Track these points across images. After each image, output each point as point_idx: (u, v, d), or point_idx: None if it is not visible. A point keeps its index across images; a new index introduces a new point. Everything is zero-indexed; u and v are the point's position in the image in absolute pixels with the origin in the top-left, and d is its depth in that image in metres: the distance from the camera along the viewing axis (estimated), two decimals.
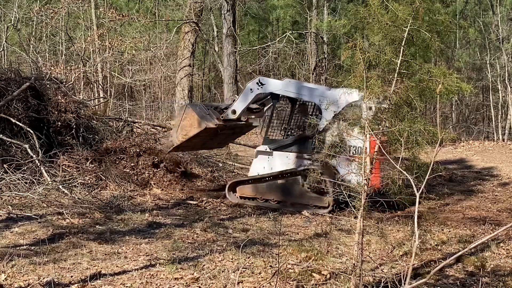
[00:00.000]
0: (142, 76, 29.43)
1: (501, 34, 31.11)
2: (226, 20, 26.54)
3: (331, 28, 30.28)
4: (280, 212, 10.35)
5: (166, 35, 29.82)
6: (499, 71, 31.22)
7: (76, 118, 12.70)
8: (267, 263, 7.02)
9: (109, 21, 26.17)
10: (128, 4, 34.56)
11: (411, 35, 5.92)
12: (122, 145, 12.63)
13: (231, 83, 26.64)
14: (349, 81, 5.99)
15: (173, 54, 29.44)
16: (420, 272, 6.87)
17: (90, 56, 25.32)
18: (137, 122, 16.33)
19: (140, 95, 33.31)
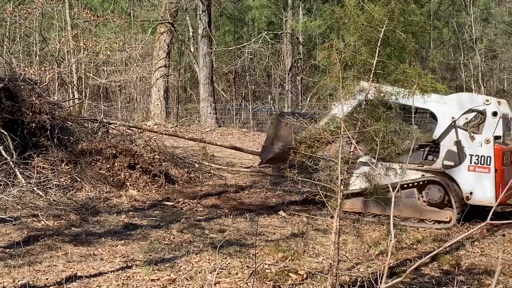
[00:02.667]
0: (117, 77, 29.28)
1: (474, 35, 31.49)
2: (201, 20, 26.53)
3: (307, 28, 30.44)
4: (256, 213, 10.35)
5: (141, 36, 29.73)
6: (472, 71, 31.61)
7: (51, 119, 12.57)
8: (244, 264, 7.01)
9: (83, 22, 25.99)
10: (103, 5, 34.34)
11: (387, 35, 5.95)
12: (97, 146, 12.53)
13: (207, 83, 26.61)
14: (325, 81, 6.01)
15: (149, 54, 29.35)
16: (396, 271, 6.92)
17: (65, 57, 25.12)
18: (113, 123, 16.22)
19: (115, 96, 33.13)
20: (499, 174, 9.67)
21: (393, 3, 5.89)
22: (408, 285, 6.51)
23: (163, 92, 26.52)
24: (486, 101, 9.79)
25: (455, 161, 9.81)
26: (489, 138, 9.67)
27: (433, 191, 9.83)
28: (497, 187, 9.60)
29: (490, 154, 9.66)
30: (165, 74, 26.57)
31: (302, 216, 10.10)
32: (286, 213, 10.40)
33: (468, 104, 9.93)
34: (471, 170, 9.70)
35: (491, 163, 9.63)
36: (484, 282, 6.72)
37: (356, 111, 9.46)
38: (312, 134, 6.18)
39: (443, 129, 9.89)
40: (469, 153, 9.74)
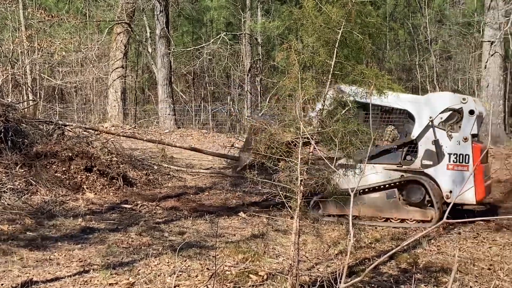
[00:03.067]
0: (73, 78, 28.86)
1: (429, 36, 32.01)
2: (159, 21, 26.36)
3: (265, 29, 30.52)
4: (216, 214, 10.32)
5: (97, 36, 29.38)
6: (427, 72, 32.11)
7: (5, 122, 12.31)
8: (204, 266, 6.98)
9: (38, 22, 25.53)
10: (58, 5, 33.83)
11: (344, 37, 5.99)
12: (53, 149, 12.32)
13: (166, 84, 26.46)
14: (284, 82, 6.02)
15: (105, 55, 29.03)
16: (355, 270, 6.97)
17: (19, 57, 24.62)
18: (69, 125, 15.96)
19: (71, 98, 32.68)
20: (478, 172, 9.81)
21: (350, 5, 5.93)
22: (367, 284, 6.56)
23: (121, 93, 26.26)
24: (463, 100, 9.92)
25: (434, 161, 9.91)
26: (467, 137, 9.80)
27: (414, 191, 9.93)
28: (476, 185, 9.74)
29: (468, 152, 9.78)
30: (122, 75, 26.33)
31: (262, 217, 10.11)
32: (246, 214, 10.39)
33: (445, 103, 10.04)
34: (450, 168, 9.82)
35: (469, 161, 9.77)
36: (441, 279, 6.82)
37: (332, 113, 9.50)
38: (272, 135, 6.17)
39: (420, 129, 9.98)
40: (447, 152, 9.85)
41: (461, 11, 33.98)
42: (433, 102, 10.06)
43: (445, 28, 33.63)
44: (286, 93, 6.12)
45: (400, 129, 10.49)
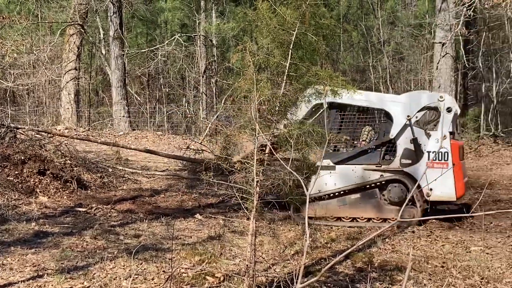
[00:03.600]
0: (25, 80, 28.31)
1: (382, 37, 32.46)
2: (112, 22, 26.11)
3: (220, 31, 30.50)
4: (172, 217, 10.26)
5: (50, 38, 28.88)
6: (381, 73, 32.55)
7: None
8: (160, 269, 6.94)
9: None
10: (9, 6, 33.15)
11: (299, 38, 6.03)
12: (4, 152, 12.08)
13: (120, 86, 26.21)
14: (239, 84, 6.02)
15: (58, 57, 28.58)
16: (312, 270, 7.02)
17: None
18: (21, 128, 15.66)
19: (23, 100, 32.07)
20: (457, 168, 9.97)
21: (304, 7, 5.97)
22: (323, 283, 6.61)
23: (74, 95, 25.89)
24: (440, 98, 10.07)
25: (413, 159, 10.01)
26: (445, 134, 9.95)
27: (395, 190, 10.01)
28: (456, 182, 9.89)
29: (447, 149, 9.92)
30: (76, 77, 25.95)
31: (218, 219, 10.09)
32: (203, 216, 10.36)
33: (423, 101, 10.17)
34: (429, 166, 9.92)
35: (448, 159, 9.90)
36: (395, 278, 6.92)
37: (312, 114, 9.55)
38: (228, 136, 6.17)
39: (399, 128, 10.06)
40: (426, 150, 9.96)
41: (412, 13, 34.53)
42: (410, 101, 10.17)
43: (398, 30, 34.12)
44: (241, 95, 6.12)
45: (376, 129, 10.55)
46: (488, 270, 7.27)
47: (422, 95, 10.68)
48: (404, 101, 10.21)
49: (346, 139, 10.51)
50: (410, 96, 10.56)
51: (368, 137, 10.48)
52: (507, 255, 8.05)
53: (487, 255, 8.04)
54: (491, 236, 9.26)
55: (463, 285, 6.70)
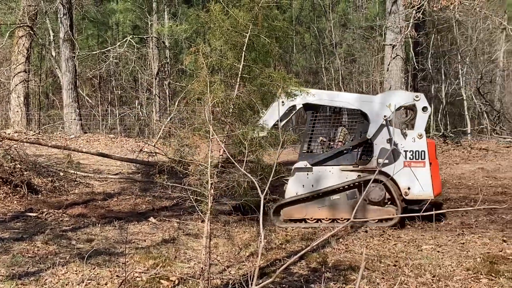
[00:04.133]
0: None
1: (334, 40, 32.79)
2: (63, 24, 25.73)
3: (173, 32, 30.34)
4: (126, 220, 10.16)
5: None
6: (333, 75, 32.88)
7: None
8: (113, 273, 6.86)
9: None
10: None
11: (252, 40, 6.04)
12: None
13: (71, 89, 25.82)
14: (192, 86, 6.00)
15: (7, 59, 28.00)
16: (267, 272, 7.04)
17: None
18: None
19: None
20: (433, 167, 10.14)
21: (257, 9, 5.99)
22: (279, 284, 6.63)
23: (23, 98, 25.40)
24: (416, 97, 10.19)
25: (390, 159, 10.09)
26: (421, 133, 10.08)
27: (375, 190, 10.03)
28: (433, 180, 10.03)
29: (423, 148, 10.04)
30: (25, 80, 25.47)
31: (173, 222, 10.03)
32: (157, 219, 10.28)
33: (399, 101, 10.23)
34: (407, 165, 10.00)
35: (425, 157, 10.03)
36: (349, 277, 6.98)
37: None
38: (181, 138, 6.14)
39: (376, 128, 10.09)
40: (403, 149, 10.05)
41: (364, 15, 35.02)
42: (387, 101, 10.22)
43: (349, 32, 34.56)
44: (195, 97, 6.10)
45: (352, 129, 10.57)
46: (439, 268, 7.41)
47: (398, 94, 10.84)
48: (381, 101, 10.31)
49: (322, 140, 10.58)
50: (386, 96, 10.67)
51: (343, 137, 10.57)
52: (457, 253, 8.21)
53: (438, 253, 8.19)
54: (441, 234, 9.43)
55: (415, 283, 6.80)
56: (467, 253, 8.17)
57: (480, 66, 28.44)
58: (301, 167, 10.25)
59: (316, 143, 10.60)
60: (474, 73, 28.31)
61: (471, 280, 6.92)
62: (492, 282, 6.82)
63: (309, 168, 10.23)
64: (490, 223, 10.35)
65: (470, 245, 8.69)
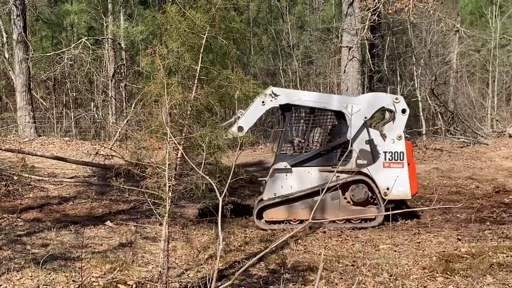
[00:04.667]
0: None
1: (291, 41, 32.96)
2: (16, 25, 25.25)
3: (129, 34, 30.05)
4: (82, 224, 10.01)
5: None
6: (291, 76, 33.04)
7: None
8: (69, 278, 6.75)
9: None
10: None
11: (209, 42, 6.03)
12: None
13: (24, 91, 25.35)
14: (149, 88, 5.95)
15: None
16: (226, 274, 7.02)
17: None
18: None
19: None
20: (410, 168, 10.29)
21: (214, 10, 5.98)
22: (237, 287, 6.63)
23: None
24: (396, 100, 10.35)
25: (369, 160, 10.19)
26: (401, 135, 10.28)
27: (358, 191, 10.13)
28: (410, 180, 10.21)
29: (402, 149, 10.23)
30: None
31: (130, 225, 9.92)
32: (113, 223, 10.16)
33: (379, 103, 10.42)
34: (386, 166, 10.18)
35: (404, 158, 10.21)
36: (308, 278, 7.01)
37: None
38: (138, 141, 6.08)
39: (356, 129, 10.16)
40: (383, 150, 10.20)
41: (320, 17, 35.27)
42: (367, 103, 10.34)
43: (306, 34, 34.75)
44: (152, 99, 6.05)
45: (330, 130, 10.58)
46: (396, 267, 7.49)
47: (379, 96, 10.97)
48: (361, 102, 10.39)
49: (299, 141, 10.58)
50: (367, 97, 10.76)
51: (320, 138, 10.60)
52: (413, 252, 8.33)
53: (395, 253, 8.29)
54: (398, 234, 9.55)
55: (372, 283, 6.86)
56: (423, 252, 8.29)
57: (434, 68, 28.92)
58: (281, 168, 10.23)
59: (294, 144, 10.62)
60: (429, 74, 28.77)
61: (427, 279, 7.02)
62: (448, 281, 6.93)
63: (289, 169, 10.23)
64: (445, 222, 10.53)
65: (426, 244, 8.82)
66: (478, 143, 23.47)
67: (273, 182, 10.28)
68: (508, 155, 20.32)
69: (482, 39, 32.88)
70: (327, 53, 32.20)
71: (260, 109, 10.19)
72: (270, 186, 10.29)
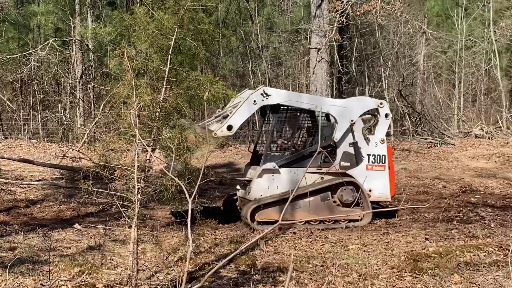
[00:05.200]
0: None
1: (260, 43, 33.01)
2: None
3: (96, 35, 29.77)
4: (50, 228, 9.90)
5: None
6: (260, 78, 33.08)
7: None
8: (37, 282, 6.67)
9: None
10: None
11: (178, 43, 6.01)
12: None
13: None
14: (118, 89, 5.91)
15: None
16: (196, 276, 7.00)
17: None
18: None
19: None
20: (391, 170, 10.57)
21: (183, 12, 5.96)
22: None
23: None
24: (380, 104, 10.61)
25: (352, 162, 10.37)
26: (383, 138, 10.54)
27: (347, 192, 10.27)
28: (390, 183, 10.50)
29: (384, 153, 10.52)
30: None
31: (98, 228, 9.83)
32: (82, 225, 10.07)
33: (365, 107, 10.61)
34: (369, 169, 10.43)
35: (385, 161, 10.49)
36: (278, 279, 7.03)
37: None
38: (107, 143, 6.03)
39: (342, 132, 10.30)
40: (366, 153, 10.43)
41: (289, 19, 35.37)
42: (353, 106, 10.48)
43: (275, 35, 34.83)
44: (120, 100, 6.02)
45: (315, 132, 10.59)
46: (365, 267, 7.56)
47: (364, 100, 11.19)
48: (348, 106, 10.51)
49: (282, 142, 10.64)
50: (353, 101, 10.86)
51: (304, 139, 10.68)
52: (382, 252, 8.41)
53: (364, 253, 8.37)
54: (367, 234, 9.64)
55: (342, 283, 6.91)
56: (391, 252, 8.38)
57: (401, 69, 29.25)
58: (269, 168, 10.22)
59: (282, 145, 10.67)
60: (396, 76, 29.09)
61: (396, 278, 7.10)
62: (416, 280, 7.01)
63: (277, 169, 10.24)
64: (413, 222, 10.65)
65: (394, 244, 8.92)
66: (445, 143, 23.79)
67: (261, 182, 10.24)
68: (474, 155, 20.65)
69: (449, 41, 33.33)
70: (296, 55, 32.33)
71: (251, 108, 10.08)
72: (257, 186, 10.25)
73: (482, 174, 16.72)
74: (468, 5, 34.77)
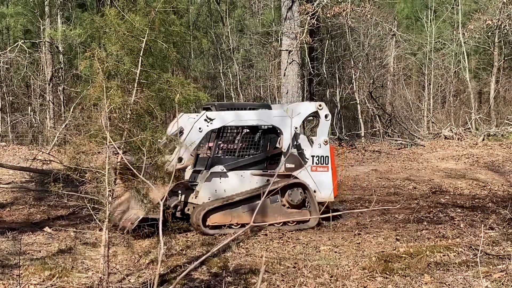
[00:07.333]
0: None
1: (231, 45, 33.03)
2: None
3: (66, 37, 29.53)
4: (19, 231, 9.79)
5: None
6: (231, 80, 33.09)
7: None
8: (7, 286, 6.60)
9: None
10: None
11: (149, 45, 6.01)
12: None
13: None
14: (88, 92, 5.88)
15: None
16: (167, 279, 6.99)
17: None
18: None
19: None
20: (334, 171, 10.65)
21: (153, 14, 5.96)
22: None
23: None
24: (319, 106, 10.66)
25: (296, 164, 10.39)
26: (326, 140, 10.63)
27: (295, 193, 10.28)
28: (333, 183, 10.56)
29: (327, 154, 10.60)
30: None
31: (69, 231, 9.76)
32: (52, 229, 9.97)
33: (306, 111, 10.66)
34: (314, 170, 10.48)
35: (329, 162, 10.57)
36: (250, 281, 7.05)
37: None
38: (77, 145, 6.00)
39: (289, 141, 10.28)
40: (311, 154, 10.50)
41: (260, 21, 35.44)
42: (295, 113, 10.44)
43: (246, 38, 34.89)
44: (91, 103, 5.99)
45: (258, 140, 10.70)
46: (336, 268, 7.61)
47: (304, 105, 11.15)
48: (290, 113, 10.46)
49: (233, 148, 10.71)
50: (294, 108, 10.86)
51: (252, 147, 10.73)
52: (353, 252, 8.47)
53: (335, 254, 8.42)
54: (338, 235, 9.70)
55: (313, 284, 6.95)
56: (363, 253, 8.45)
57: (372, 71, 29.47)
58: (217, 171, 10.19)
59: (228, 151, 10.67)
60: (367, 77, 29.31)
61: (367, 279, 7.16)
62: (387, 280, 7.08)
63: (225, 172, 10.23)
64: (384, 223, 10.75)
65: (365, 244, 8.99)
66: (415, 144, 24.05)
67: (208, 185, 10.19)
68: (444, 156, 20.90)
69: (418, 43, 33.70)
70: (267, 57, 32.40)
71: (198, 136, 9.96)
72: (205, 189, 10.17)
73: (452, 175, 16.92)
74: (437, 7, 35.21)
